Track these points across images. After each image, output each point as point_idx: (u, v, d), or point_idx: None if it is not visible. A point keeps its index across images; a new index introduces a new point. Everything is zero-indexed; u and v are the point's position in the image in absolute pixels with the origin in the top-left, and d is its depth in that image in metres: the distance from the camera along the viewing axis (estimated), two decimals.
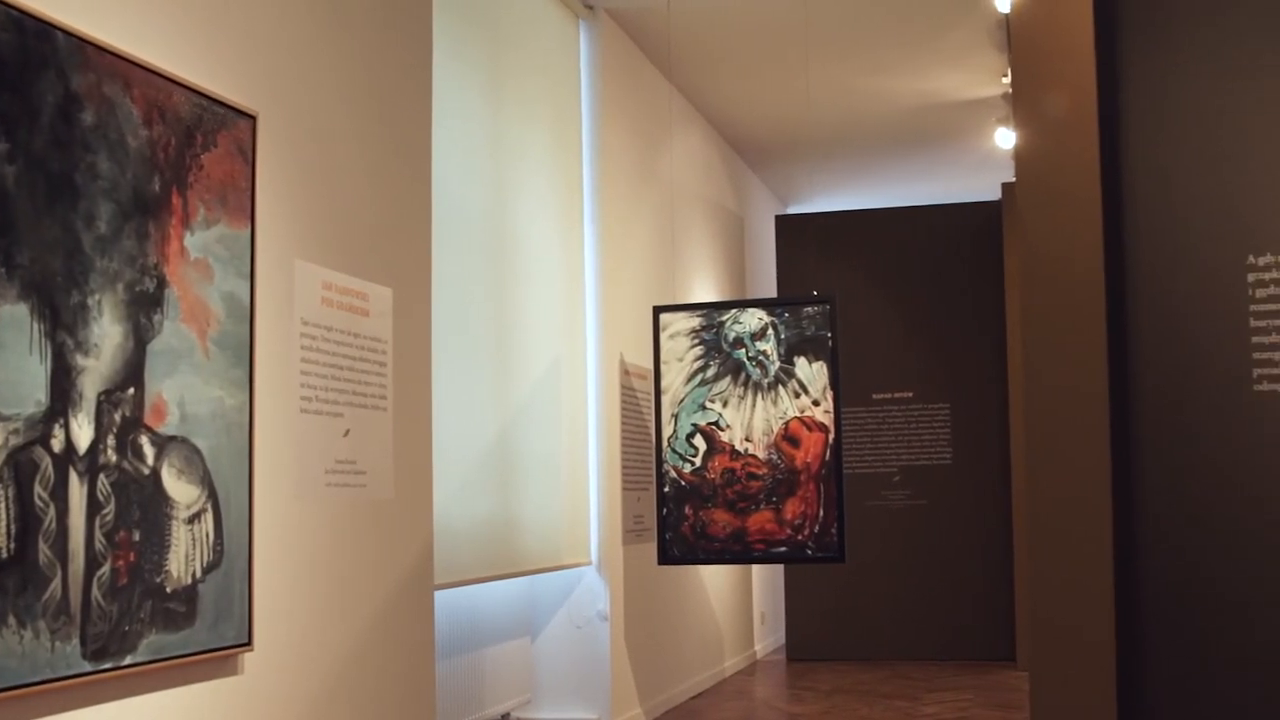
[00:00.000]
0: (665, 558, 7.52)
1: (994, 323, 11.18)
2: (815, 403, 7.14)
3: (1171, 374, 4.20)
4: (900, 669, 10.94)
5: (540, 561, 7.10)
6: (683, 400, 7.38)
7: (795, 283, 11.51)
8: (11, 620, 3.12)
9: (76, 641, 3.34)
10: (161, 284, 3.71)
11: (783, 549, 7.22)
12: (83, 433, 3.39)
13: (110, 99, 3.55)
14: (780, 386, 7.20)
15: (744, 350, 7.28)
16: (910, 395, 11.56)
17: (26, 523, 3.18)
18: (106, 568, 3.44)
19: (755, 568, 11.80)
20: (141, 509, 3.58)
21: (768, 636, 12.42)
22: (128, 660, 3.52)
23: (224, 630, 3.92)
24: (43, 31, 3.32)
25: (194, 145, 3.88)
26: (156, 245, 3.70)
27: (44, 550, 3.24)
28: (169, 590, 3.68)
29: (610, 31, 8.32)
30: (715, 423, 7.29)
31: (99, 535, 3.42)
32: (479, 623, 6.81)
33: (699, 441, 7.32)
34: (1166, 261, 4.23)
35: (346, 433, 4.70)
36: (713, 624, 10.29)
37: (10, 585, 3.12)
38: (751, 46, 9.06)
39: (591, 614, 7.71)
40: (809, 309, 7.24)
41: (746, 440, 7.24)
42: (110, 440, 3.48)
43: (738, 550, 7.31)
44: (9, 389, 3.15)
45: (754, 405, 7.24)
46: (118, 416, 3.51)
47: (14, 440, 3.16)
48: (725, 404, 7.29)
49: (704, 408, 7.33)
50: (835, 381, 7.16)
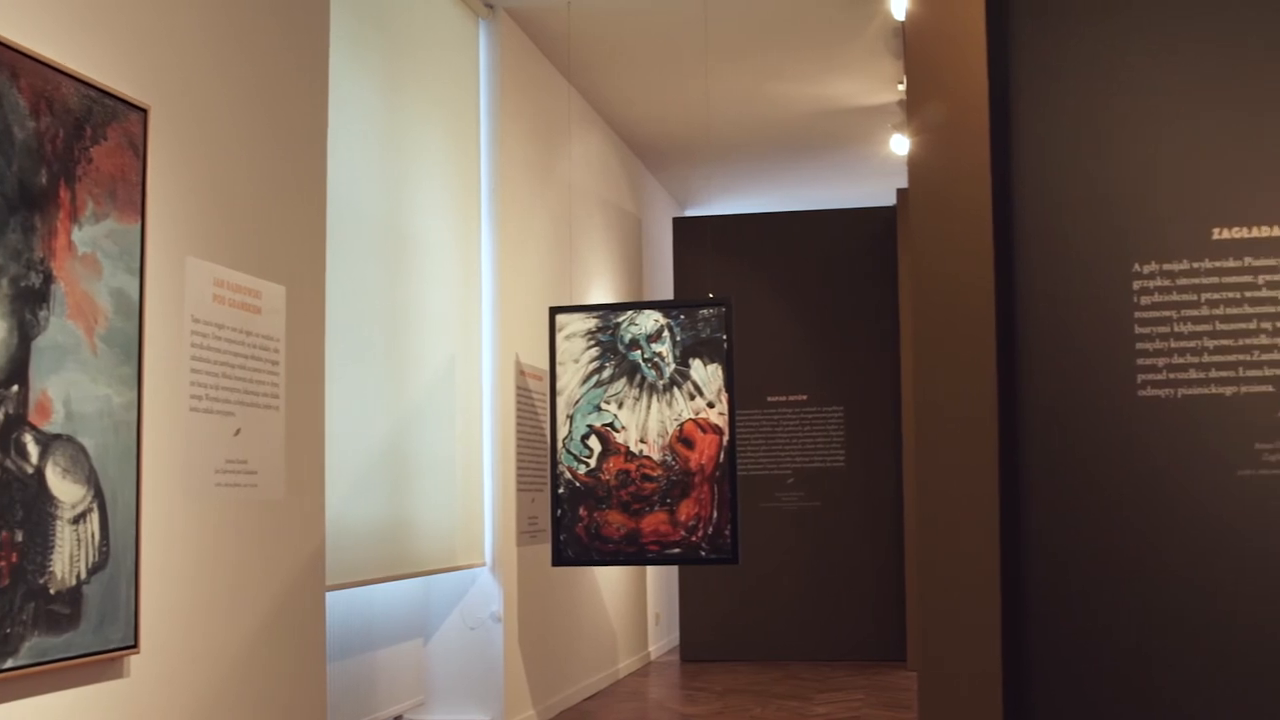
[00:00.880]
0: (559, 559, 7.52)
1: (888, 327, 11.30)
2: (710, 405, 7.17)
3: (1059, 379, 4.27)
4: (793, 669, 11.01)
5: (434, 563, 7.06)
6: (578, 401, 7.38)
7: (692, 285, 11.55)
8: None
9: None
10: (48, 279, 3.65)
11: (676, 550, 7.24)
12: None
13: None
14: (675, 388, 7.22)
15: (640, 352, 7.30)
16: (805, 398, 11.64)
17: None
18: None
19: (650, 569, 11.83)
20: (25, 509, 3.52)
21: (662, 637, 12.45)
22: (9, 663, 3.45)
23: (109, 633, 3.86)
24: None
25: (83, 138, 3.82)
26: (43, 239, 3.63)
27: None
28: (52, 592, 3.62)
29: (510, 32, 8.30)
30: (610, 424, 7.30)
31: None
32: (371, 624, 6.76)
33: (594, 443, 7.32)
34: (1055, 269, 4.30)
35: (237, 432, 4.65)
36: (607, 625, 10.29)
37: None
38: (651, 49, 9.09)
39: (485, 615, 7.68)
40: (705, 311, 7.27)
41: (641, 442, 7.26)
42: None
43: (632, 552, 7.32)
44: None
45: (649, 407, 7.25)
46: (0, 414, 3.45)
47: None
48: (620, 405, 7.30)
49: (599, 409, 7.33)
50: (730, 384, 7.19)
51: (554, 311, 7.61)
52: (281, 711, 4.93)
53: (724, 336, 7.20)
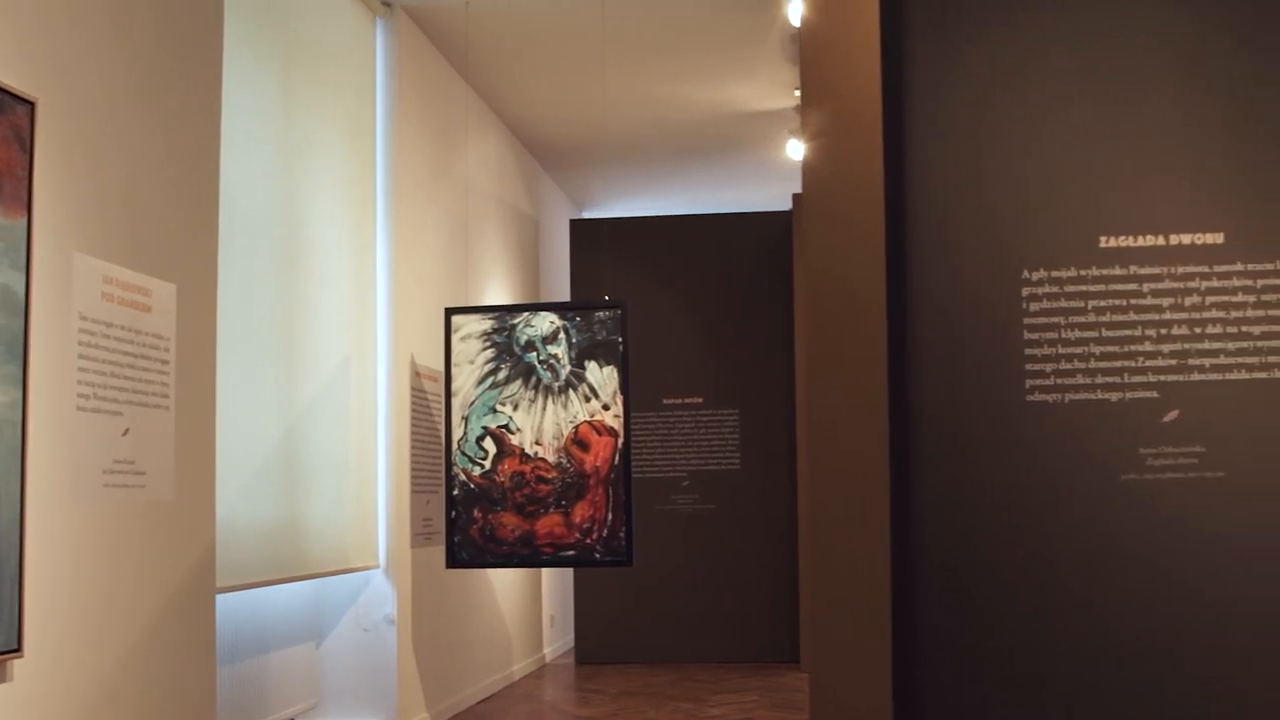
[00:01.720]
0: (453, 561, 7.49)
1: (783, 331, 11.37)
2: (605, 407, 7.17)
3: (949, 384, 4.32)
4: (688, 671, 11.04)
5: (327, 564, 7.00)
6: (473, 403, 7.35)
7: (588, 287, 11.55)
8: None
9: None
10: None
11: (571, 552, 7.24)
12: None
13: None
14: (571, 390, 7.22)
15: (535, 354, 7.29)
16: (700, 401, 11.69)
17: None
18: None
19: (545, 571, 11.81)
20: None
21: (557, 639, 12.44)
22: None
23: None
24: None
25: None
26: None
27: None
28: None
29: (408, 30, 8.25)
30: (505, 426, 7.28)
31: None
32: (263, 627, 6.69)
33: (489, 444, 7.30)
34: (946, 275, 4.35)
35: (126, 432, 4.58)
36: (501, 627, 10.26)
37: None
38: (549, 50, 9.08)
39: (379, 618, 7.63)
40: (601, 313, 7.27)
41: (536, 444, 7.24)
42: None
43: (526, 554, 7.30)
44: None
45: (544, 409, 7.24)
46: None
47: None
48: (516, 407, 7.28)
49: (494, 410, 7.31)
50: (625, 386, 7.20)
51: (450, 312, 7.57)
52: (170, 716, 4.87)
53: (620, 339, 7.20)
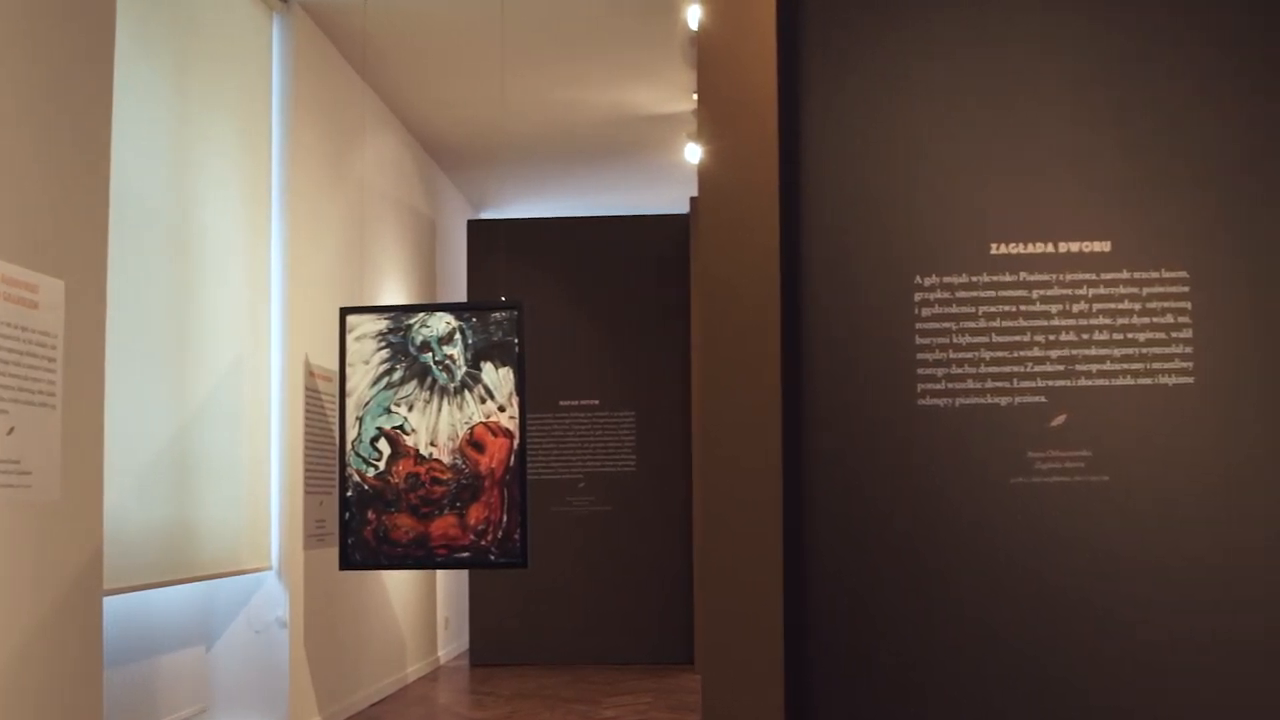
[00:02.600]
0: (347, 563, 7.42)
1: (680, 333, 11.41)
2: (501, 408, 7.15)
3: (842, 388, 4.36)
4: (582, 673, 11.04)
5: (218, 566, 6.92)
6: (368, 403, 7.29)
7: (485, 288, 11.52)
8: None
9: None
10: None
11: (466, 554, 7.20)
12: None
13: None
14: (466, 391, 7.19)
15: (431, 354, 7.25)
16: (597, 403, 11.71)
17: None
18: None
19: (440, 573, 11.76)
20: None
21: (451, 642, 12.39)
22: None
23: None
24: None
25: None
26: None
27: None
28: None
29: (305, 27, 8.18)
30: (400, 427, 7.23)
31: None
32: (152, 629, 6.60)
33: (383, 445, 7.25)
34: (840, 279, 4.39)
35: (10, 431, 4.49)
36: (395, 629, 10.20)
37: None
38: (448, 50, 9.04)
39: (270, 620, 7.56)
40: (497, 315, 7.25)
41: (431, 445, 7.20)
42: None
43: (420, 555, 7.26)
44: None
45: (440, 410, 7.21)
46: None
47: None
48: (411, 408, 7.24)
49: (389, 411, 7.26)
50: (521, 387, 7.19)
51: (344, 312, 7.51)
52: None
53: (516, 340, 7.19)
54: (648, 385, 11.74)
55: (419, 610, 11.05)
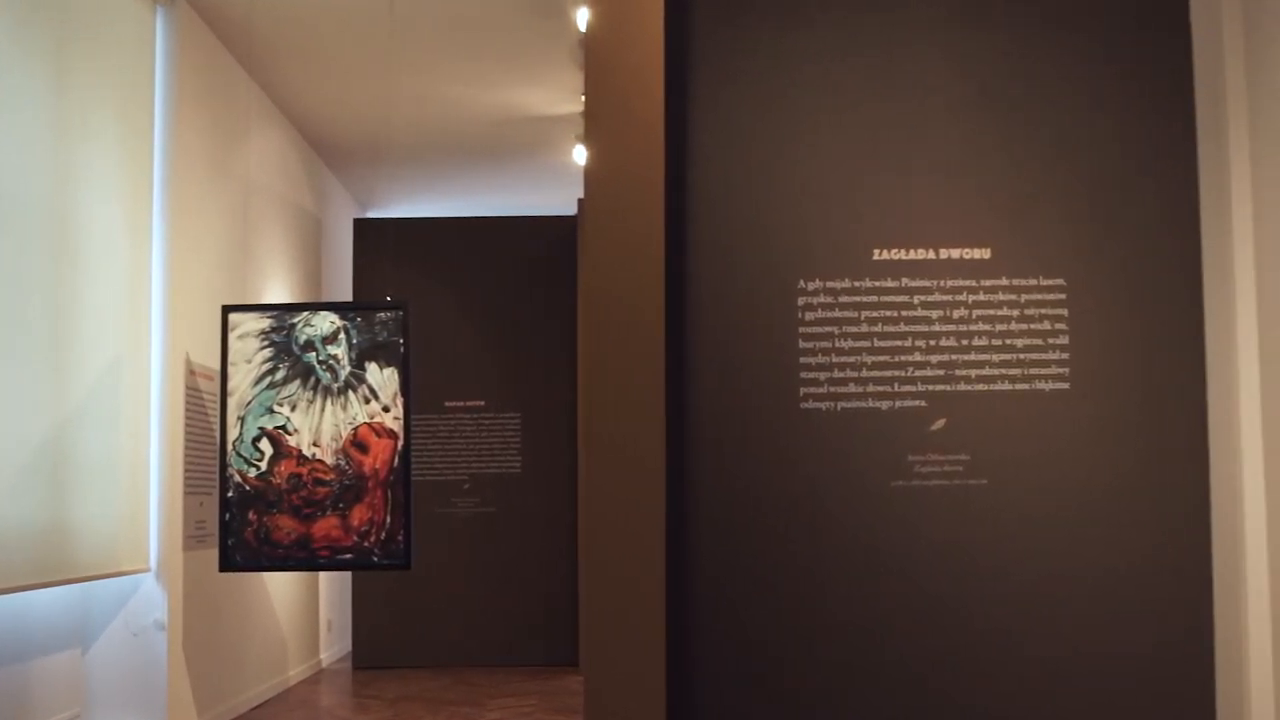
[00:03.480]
0: (227, 564, 7.31)
1: (567, 335, 11.41)
2: (385, 409, 7.09)
3: (726, 390, 4.39)
4: (466, 675, 11.00)
5: (94, 568, 6.80)
6: (250, 403, 7.19)
7: (371, 287, 11.43)
8: None
9: None
10: None
11: (349, 556, 7.13)
12: None
13: None
14: (350, 392, 7.12)
15: (315, 354, 7.16)
16: (482, 404, 11.67)
17: None
18: None
19: (322, 575, 11.65)
20: None
21: (334, 644, 12.28)
22: None
23: None
24: None
25: None
26: None
27: None
28: None
29: (189, 21, 8.06)
30: (283, 427, 7.15)
31: None
32: (26, 632, 6.46)
33: (265, 445, 7.15)
34: (724, 283, 4.41)
35: None
36: (276, 632, 10.09)
37: None
38: (335, 47, 8.96)
39: (148, 622, 7.43)
40: (382, 314, 7.18)
41: (314, 445, 7.13)
42: None
43: (302, 557, 7.17)
44: None
45: (323, 410, 7.13)
46: None
47: None
48: (294, 408, 7.15)
49: (271, 411, 7.17)
50: (406, 388, 7.13)
51: (227, 310, 7.40)
52: None
53: (401, 340, 7.13)
54: (534, 387, 11.73)
55: (301, 612, 10.94)
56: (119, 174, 7.25)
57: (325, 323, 7.20)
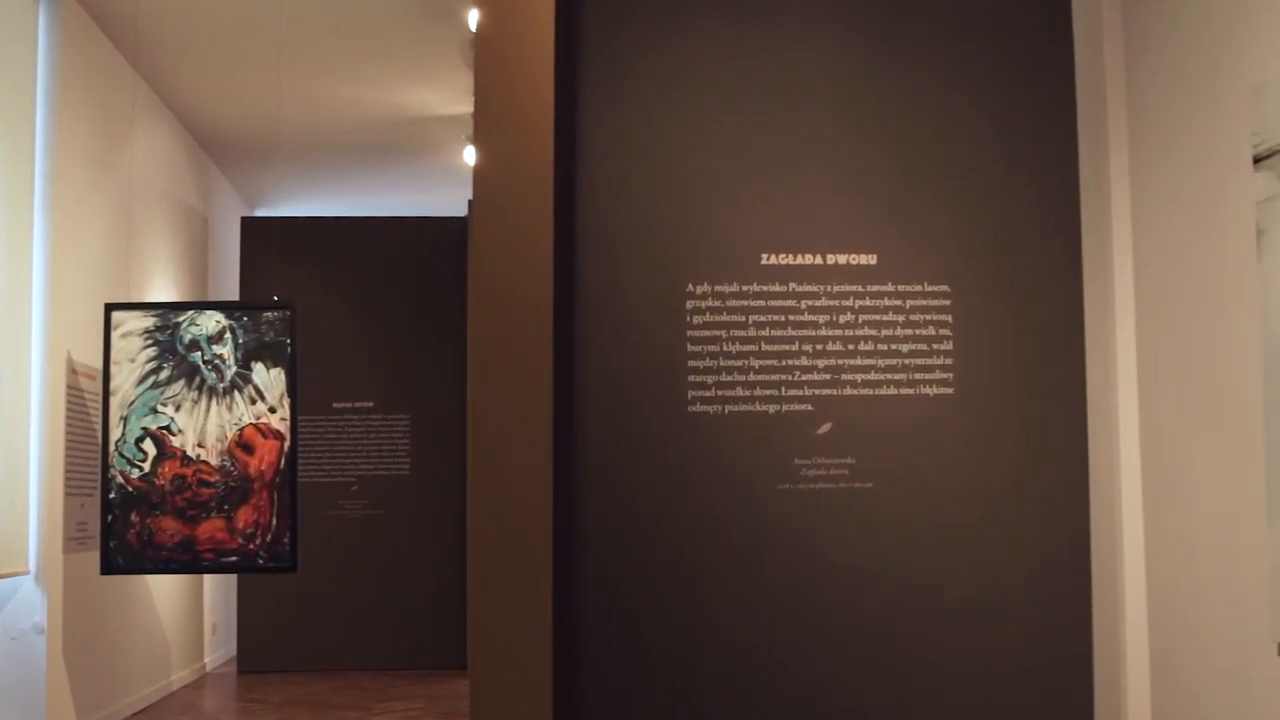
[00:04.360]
0: (109, 567, 7.20)
1: (456, 337, 11.36)
2: (272, 410, 7.02)
3: (615, 394, 4.39)
4: (353, 679, 10.92)
5: None
6: (133, 403, 7.09)
7: (259, 287, 11.30)
8: None
9: None
10: None
11: (234, 558, 7.05)
12: None
13: None
14: (236, 392, 7.04)
15: (200, 353, 7.08)
16: (371, 405, 11.60)
17: None
18: None
19: (207, 577, 11.51)
20: None
21: (219, 648, 12.13)
22: None
23: None
24: None
25: None
26: None
27: None
28: None
29: (74, 16, 7.92)
30: (167, 427, 7.05)
31: None
32: None
33: (148, 446, 7.05)
34: (614, 287, 4.42)
35: None
36: (160, 636, 9.94)
37: None
38: (223, 43, 8.85)
39: (27, 626, 7.30)
40: (269, 314, 7.11)
41: (199, 446, 7.04)
42: None
43: (186, 559, 7.08)
44: None
45: (208, 410, 7.05)
46: None
47: None
48: (178, 408, 7.06)
49: (155, 411, 7.07)
50: (293, 389, 7.07)
51: (110, 308, 7.29)
52: None
53: (288, 340, 7.06)
54: (423, 388, 11.67)
55: (185, 616, 10.79)
56: None
57: (211, 322, 7.11)
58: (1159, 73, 4.22)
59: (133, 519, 7.06)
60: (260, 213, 13.45)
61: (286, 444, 7.03)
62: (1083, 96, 4.58)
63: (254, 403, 7.04)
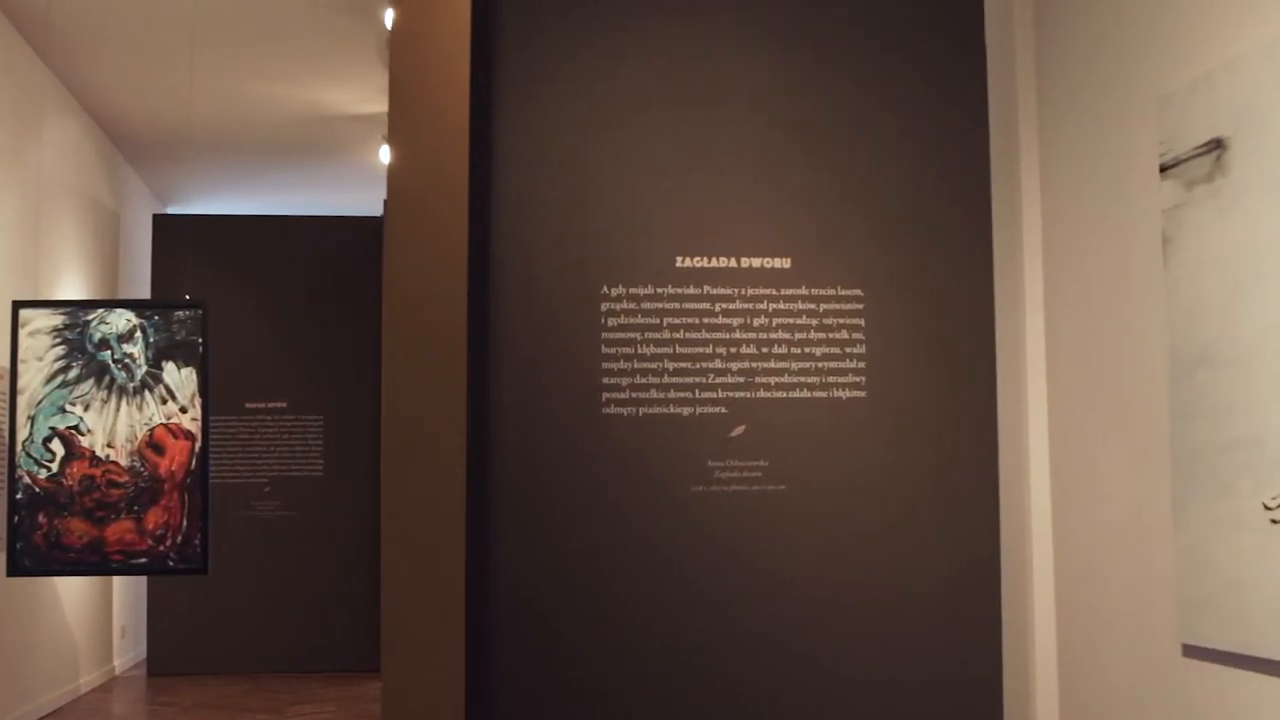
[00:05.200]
0: (15, 569, 7.09)
1: (372, 337, 11.29)
2: (183, 410, 6.94)
3: (530, 395, 4.39)
4: (266, 682, 10.83)
5: None
6: (40, 402, 6.98)
7: (171, 285, 11.17)
8: None
9: None
10: None
11: (143, 560, 6.96)
12: None
13: None
14: (147, 392, 6.95)
15: (110, 352, 6.98)
16: (284, 406, 11.50)
17: None
18: None
19: (117, 580, 11.36)
20: None
21: (129, 651, 11.97)
22: None
23: None
24: None
25: None
26: None
27: None
28: None
29: None
30: (75, 427, 6.95)
31: None
32: None
33: (56, 446, 6.95)
34: (529, 287, 4.42)
35: None
36: (68, 638, 9.80)
37: None
38: (136, 38, 8.74)
39: None
40: (181, 313, 7.03)
41: (108, 446, 6.95)
42: None
43: (95, 561, 6.99)
44: None
45: (118, 410, 6.96)
46: None
47: None
48: (87, 408, 6.96)
49: (64, 411, 6.97)
50: (205, 389, 6.99)
51: (17, 306, 7.18)
52: None
53: (200, 339, 6.99)
54: (338, 389, 11.59)
55: (93, 618, 10.65)
56: None
57: (121, 320, 7.03)
58: (1070, 83, 4.27)
59: (40, 520, 6.95)
60: (173, 210, 13.31)
61: (198, 444, 6.95)
62: (995, 105, 4.63)
63: (165, 402, 6.96)
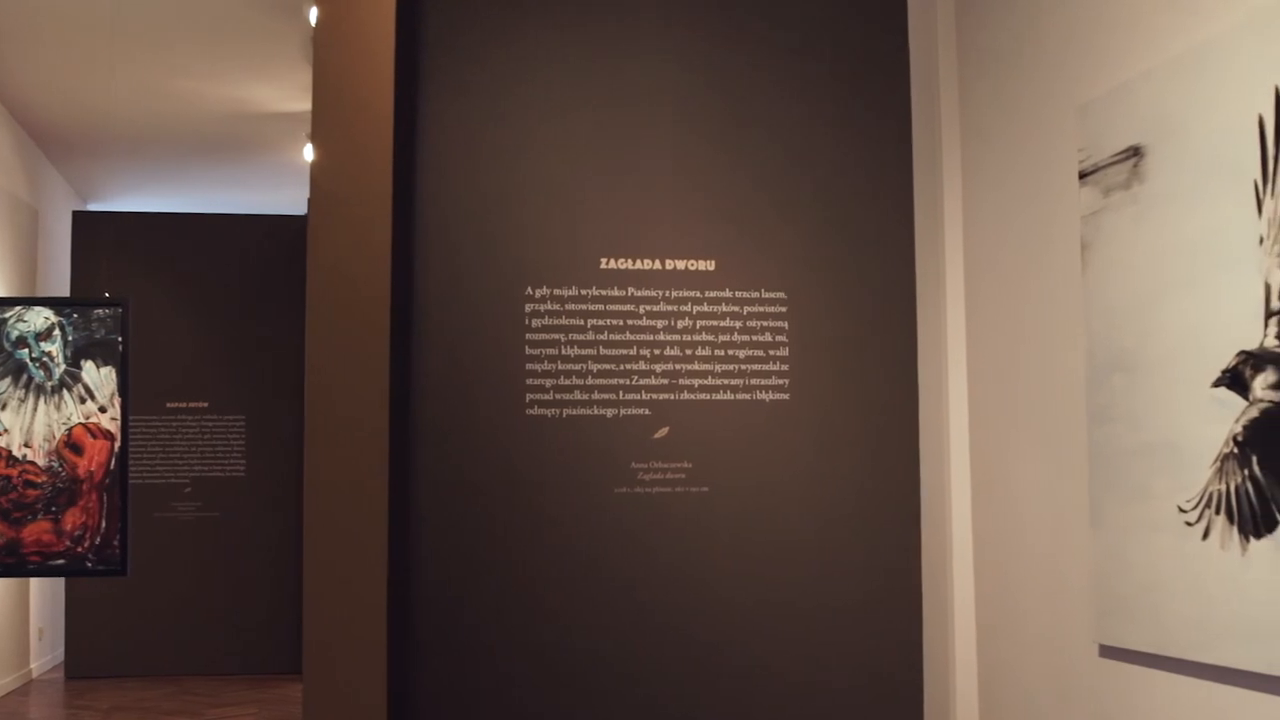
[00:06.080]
0: None
1: (295, 337, 11.21)
2: (102, 409, 6.87)
3: (452, 396, 4.37)
4: (186, 684, 10.74)
5: None
6: None
7: (91, 283, 11.05)
8: None
9: None
10: None
11: (61, 562, 6.89)
12: None
13: None
14: (65, 391, 6.88)
15: (27, 350, 6.90)
16: (205, 405, 11.40)
17: None
18: None
19: (34, 581, 11.22)
20: None
21: (46, 653, 11.82)
22: None
23: None
24: None
25: None
26: None
27: None
28: None
29: None
30: None
31: None
32: None
33: None
34: (453, 287, 4.40)
35: None
36: None
37: None
38: (55, 33, 8.63)
39: None
40: (100, 311, 6.96)
41: (25, 446, 6.86)
42: None
43: (11, 563, 6.90)
44: None
45: (35, 409, 6.87)
46: None
47: None
48: (4, 407, 6.87)
49: None
50: (125, 388, 6.92)
51: None
52: None
53: (120, 338, 6.92)
54: (260, 389, 11.50)
55: (10, 620, 10.51)
56: None
57: (39, 318, 6.94)
58: (992, 88, 4.31)
59: None
60: (93, 207, 13.15)
61: (117, 444, 6.88)
62: (918, 110, 4.66)
63: (83, 402, 6.88)
